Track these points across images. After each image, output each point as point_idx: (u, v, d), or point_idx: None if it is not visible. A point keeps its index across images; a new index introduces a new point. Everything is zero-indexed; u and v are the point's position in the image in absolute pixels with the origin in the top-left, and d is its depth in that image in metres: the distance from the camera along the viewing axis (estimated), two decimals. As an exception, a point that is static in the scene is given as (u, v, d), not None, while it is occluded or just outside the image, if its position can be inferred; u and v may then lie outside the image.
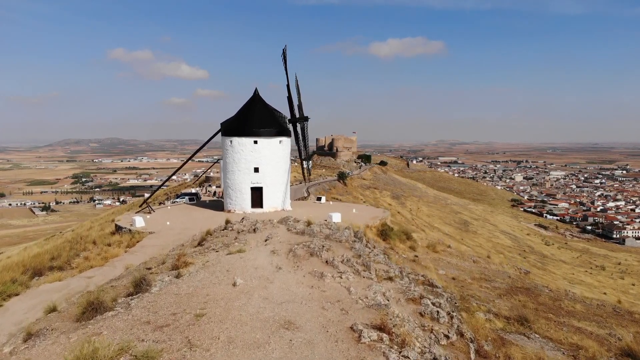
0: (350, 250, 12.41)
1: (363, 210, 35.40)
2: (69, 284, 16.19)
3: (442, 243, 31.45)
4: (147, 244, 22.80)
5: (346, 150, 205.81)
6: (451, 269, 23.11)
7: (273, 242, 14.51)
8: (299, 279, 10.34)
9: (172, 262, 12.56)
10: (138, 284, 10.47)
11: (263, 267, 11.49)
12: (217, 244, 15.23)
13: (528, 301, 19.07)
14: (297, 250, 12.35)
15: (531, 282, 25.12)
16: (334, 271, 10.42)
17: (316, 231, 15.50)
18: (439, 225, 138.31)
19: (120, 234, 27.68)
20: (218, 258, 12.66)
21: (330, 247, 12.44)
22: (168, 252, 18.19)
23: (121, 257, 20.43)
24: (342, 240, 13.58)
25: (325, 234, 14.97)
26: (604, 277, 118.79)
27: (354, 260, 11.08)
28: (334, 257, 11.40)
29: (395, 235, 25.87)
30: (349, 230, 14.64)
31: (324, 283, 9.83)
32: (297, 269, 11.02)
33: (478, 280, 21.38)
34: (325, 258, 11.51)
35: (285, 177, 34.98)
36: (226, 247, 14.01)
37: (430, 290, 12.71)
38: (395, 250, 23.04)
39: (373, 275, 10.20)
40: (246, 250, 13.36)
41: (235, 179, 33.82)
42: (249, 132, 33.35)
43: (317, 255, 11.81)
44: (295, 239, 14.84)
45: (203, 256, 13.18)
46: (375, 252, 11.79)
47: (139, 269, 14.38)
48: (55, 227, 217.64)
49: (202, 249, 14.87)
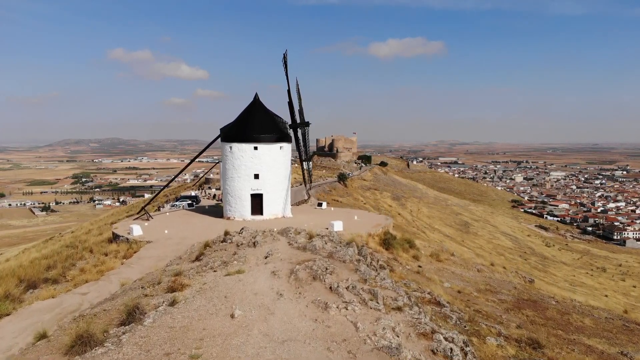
0: (355, 272, 11.84)
1: (365, 217, 34.83)
2: (62, 301, 15.63)
3: (445, 251, 30.91)
4: (144, 255, 22.23)
5: (346, 150, 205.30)
6: (456, 280, 22.55)
7: (274, 260, 13.93)
8: (302, 309, 9.76)
9: (168, 284, 12.01)
10: (131, 313, 9.92)
11: (263, 293, 10.92)
12: (215, 260, 14.66)
13: (536, 316, 18.53)
14: (299, 273, 11.79)
15: (537, 293, 24.57)
16: (339, 300, 9.86)
17: (318, 247, 14.92)
18: (440, 226, 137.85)
19: (118, 242, 27.11)
20: (216, 280, 12.10)
21: (334, 269, 11.86)
22: (165, 267, 17.61)
23: (117, 270, 19.85)
24: (345, 260, 13.01)
25: (328, 251, 14.39)
26: (605, 279, 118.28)
27: (359, 287, 10.51)
28: (338, 282, 10.84)
29: (398, 245, 25.30)
30: (352, 248, 14.03)
31: (329, 316, 9.26)
32: (299, 297, 10.44)
33: (484, 293, 20.83)
34: (329, 283, 10.94)
35: (286, 183, 34.39)
36: (224, 266, 13.45)
37: (439, 312, 12.19)
38: (399, 260, 22.48)
39: (381, 305, 9.64)
40: (245, 271, 12.79)
41: (234, 185, 33.18)
42: (249, 138, 32.69)
43: (320, 279, 11.24)
44: (297, 255, 14.26)
45: (200, 277, 12.63)
46: (382, 276, 11.22)
47: (134, 288, 13.83)
48: (55, 227, 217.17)
49: (200, 266, 14.31)
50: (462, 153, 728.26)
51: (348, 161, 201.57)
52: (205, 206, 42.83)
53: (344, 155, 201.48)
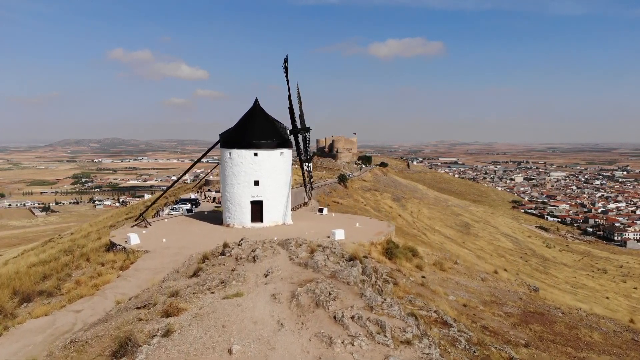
0: (360, 297, 11.29)
1: (366, 224, 34.26)
2: (55, 320, 15.11)
3: (448, 259, 30.39)
4: (141, 267, 21.67)
5: (347, 151, 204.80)
6: (461, 291, 22.05)
7: (274, 279, 13.40)
8: (304, 344, 9.20)
9: (164, 306, 11.49)
10: (123, 345, 9.40)
11: (263, 322, 10.36)
12: (213, 278, 14.12)
13: (544, 331, 18.02)
14: (301, 298, 11.25)
15: (543, 304, 24.05)
16: (344, 334, 9.30)
17: (320, 264, 14.36)
18: (440, 227, 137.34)
19: (115, 251, 26.57)
20: (213, 304, 11.56)
21: (338, 294, 11.32)
22: (162, 282, 17.06)
23: (113, 283, 19.29)
24: (349, 281, 12.47)
25: (331, 270, 13.82)
26: (606, 280, 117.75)
27: (365, 317, 9.96)
28: (342, 311, 10.30)
29: (401, 254, 24.78)
30: (356, 268, 13.46)
31: (334, 353, 8.69)
32: (301, 328, 9.89)
33: (489, 305, 20.32)
34: (332, 311, 10.40)
35: (287, 189, 33.79)
36: (223, 287, 12.90)
37: (447, 335, 11.68)
38: (402, 272, 21.96)
39: (389, 338, 9.10)
40: (244, 294, 12.25)
41: (234, 192, 32.56)
42: (248, 144, 32.04)
43: (323, 306, 10.70)
44: (298, 274, 13.73)
45: (197, 299, 12.09)
46: (388, 302, 10.68)
47: (129, 308, 13.32)
48: (55, 228, 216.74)
49: (197, 285, 13.77)
50: (462, 153, 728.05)
51: (348, 162, 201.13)
52: (205, 212, 42.23)
53: (344, 155, 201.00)
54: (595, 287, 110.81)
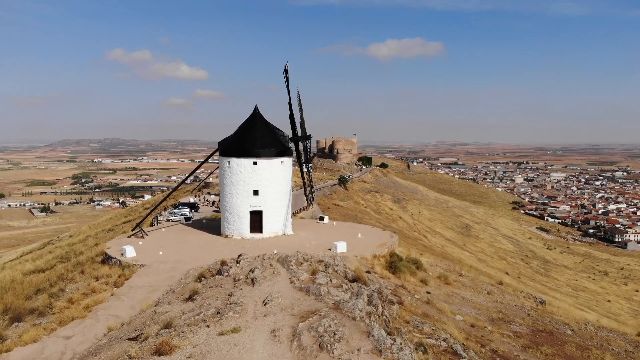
0: (368, 337, 10.50)
1: (369, 234, 33.41)
2: (43, 348, 14.38)
3: (453, 270, 29.63)
4: (135, 284, 20.86)
5: (347, 152, 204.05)
6: (467, 307, 21.33)
7: (273, 309, 12.63)
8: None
9: (156, 342, 10.76)
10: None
11: (261, 368, 9.64)
12: (209, 304, 13.38)
13: (556, 355, 17.31)
14: (303, 337, 10.49)
15: (551, 320, 23.34)
16: (351, 387, 8.61)
17: (323, 292, 13.57)
18: (441, 229, 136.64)
19: (110, 265, 25.80)
20: (208, 341, 10.80)
21: (343, 334, 10.52)
22: (156, 306, 16.22)
23: (106, 304, 18.50)
24: (355, 315, 11.68)
25: (334, 298, 13.03)
26: (607, 283, 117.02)
27: (373, 364, 9.22)
28: (349, 356, 9.56)
29: (405, 268, 24.06)
30: (362, 298, 12.66)
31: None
32: (303, 379, 9.14)
33: (497, 324, 19.60)
34: (338, 356, 9.64)
35: (287, 199, 32.92)
36: (219, 319, 12.10)
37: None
38: (407, 288, 21.24)
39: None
40: (242, 329, 11.48)
41: (233, 202, 31.70)
42: (248, 153, 31.13)
43: (327, 349, 9.92)
44: (300, 303, 12.96)
45: (192, 333, 11.32)
46: (399, 345, 9.92)
47: (120, 338, 12.59)
48: (54, 229, 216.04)
49: (193, 313, 13.01)
50: (462, 154, 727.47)
51: (348, 163, 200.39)
52: (203, 219, 41.29)
53: (345, 156, 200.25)
54: (596, 290, 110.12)
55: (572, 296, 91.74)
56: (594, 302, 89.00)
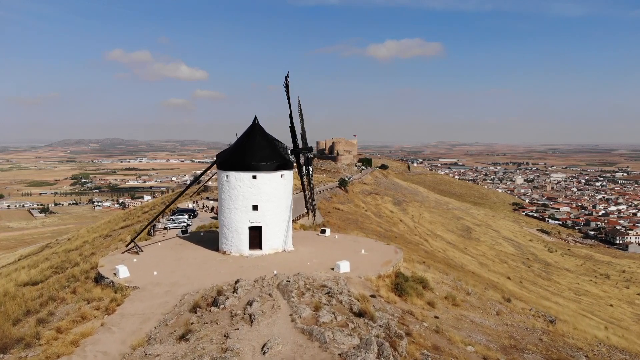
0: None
1: (373, 250, 32.55)
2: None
3: (460, 289, 29.04)
4: (128, 312, 20.00)
5: (347, 153, 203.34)
6: (478, 334, 20.78)
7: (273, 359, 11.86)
8: None
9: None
10: None
11: None
12: (202, 348, 12.56)
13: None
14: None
15: (563, 344, 22.77)
16: None
17: (328, 338, 12.68)
18: (442, 232, 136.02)
19: (102, 285, 25.11)
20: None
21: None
22: (147, 346, 15.27)
23: (95, 336, 17.56)
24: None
25: (341, 348, 12.17)
26: (609, 286, 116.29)
27: None
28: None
29: (411, 289, 23.42)
30: (372, 352, 11.78)
31: None
32: None
33: (510, 353, 18.99)
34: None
35: (287, 214, 32.04)
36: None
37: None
38: (414, 313, 20.63)
39: None
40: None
41: (231, 217, 30.82)
42: (247, 167, 30.09)
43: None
44: (302, 351, 12.05)
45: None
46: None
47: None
48: (53, 230, 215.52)
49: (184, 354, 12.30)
50: (462, 154, 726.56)
51: (349, 164, 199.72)
52: (200, 232, 40.25)
53: (345, 158, 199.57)
54: (598, 294, 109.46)
55: (575, 301, 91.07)
56: (596, 306, 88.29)
